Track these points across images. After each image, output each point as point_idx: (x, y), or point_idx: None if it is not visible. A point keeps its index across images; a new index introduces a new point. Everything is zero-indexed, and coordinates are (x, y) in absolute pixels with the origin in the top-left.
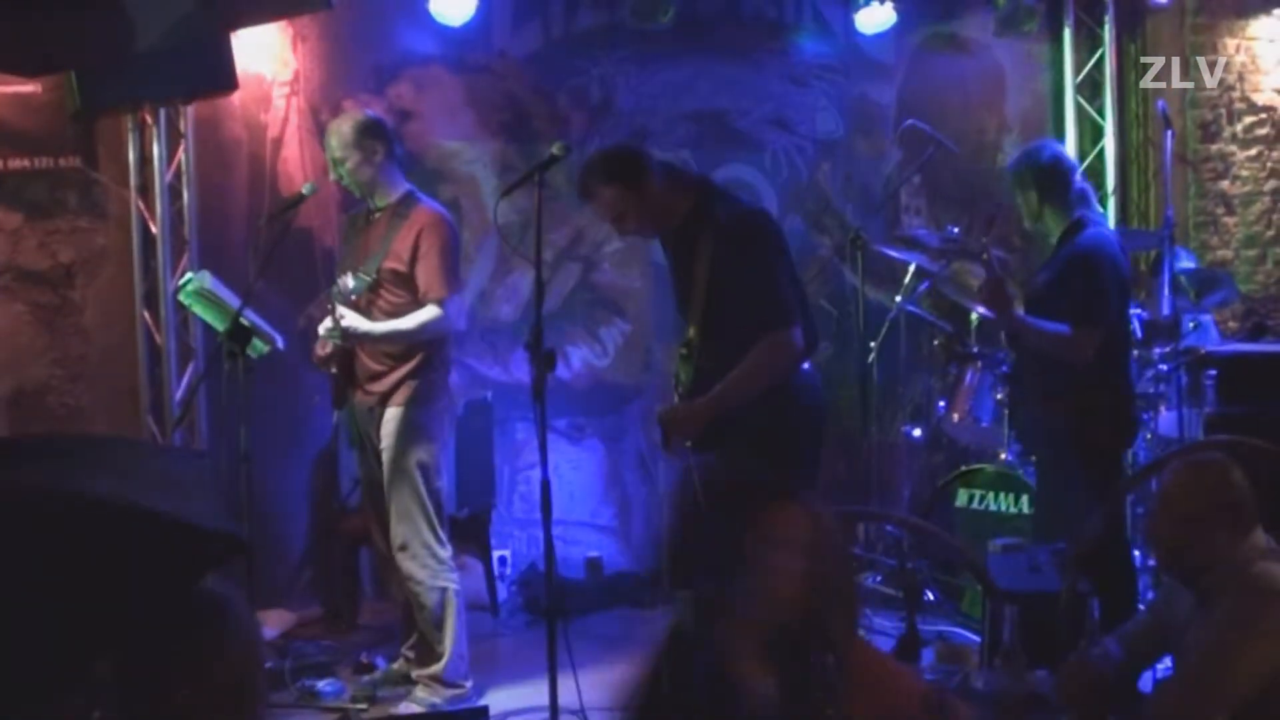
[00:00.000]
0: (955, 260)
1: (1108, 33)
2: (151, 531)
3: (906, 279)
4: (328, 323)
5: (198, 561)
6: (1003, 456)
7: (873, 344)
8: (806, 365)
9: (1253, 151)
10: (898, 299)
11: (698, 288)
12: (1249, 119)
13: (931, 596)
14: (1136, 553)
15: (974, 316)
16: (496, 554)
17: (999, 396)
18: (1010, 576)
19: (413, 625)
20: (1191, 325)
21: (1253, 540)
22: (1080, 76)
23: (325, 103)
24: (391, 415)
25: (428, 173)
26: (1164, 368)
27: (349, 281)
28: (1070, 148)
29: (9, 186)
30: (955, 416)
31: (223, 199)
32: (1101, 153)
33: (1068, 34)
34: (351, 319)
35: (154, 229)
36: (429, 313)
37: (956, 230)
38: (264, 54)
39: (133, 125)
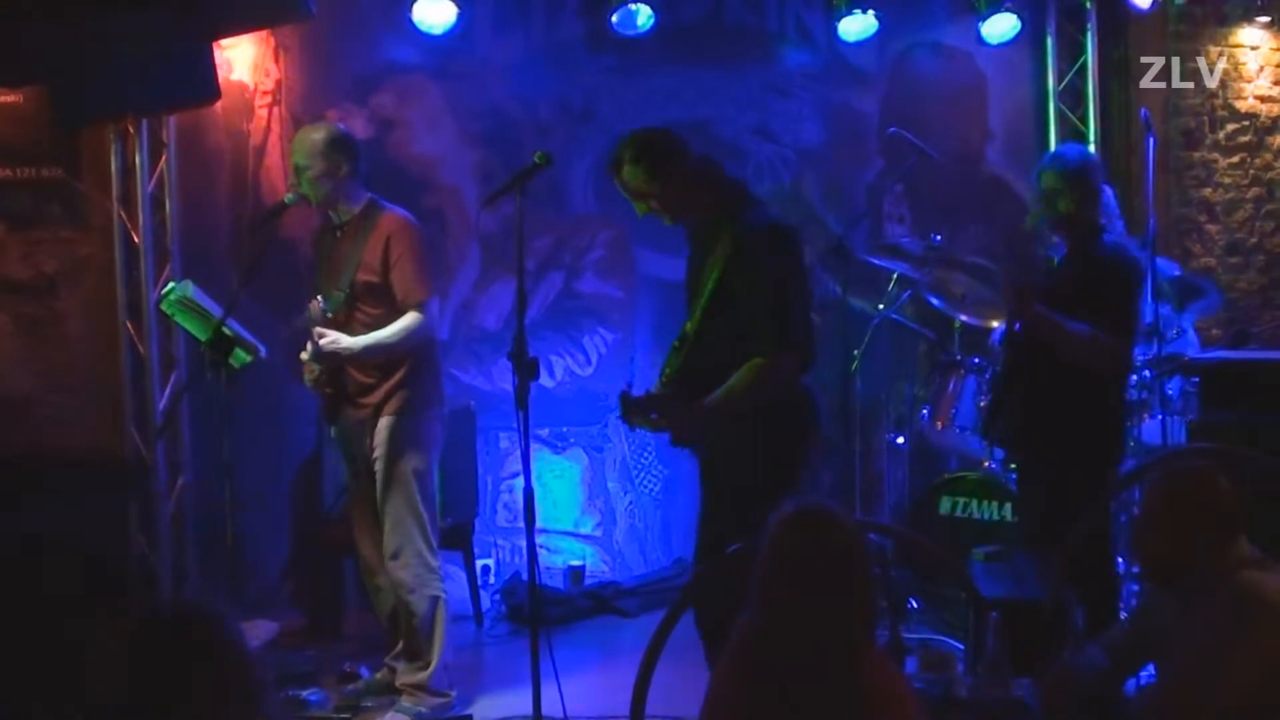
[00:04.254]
0: (940, 269)
1: (1090, 41)
2: None
3: (890, 287)
4: (310, 348)
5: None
6: (986, 464)
7: (856, 352)
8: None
9: (1235, 159)
10: (881, 307)
11: (705, 287)
12: (1231, 126)
13: (915, 604)
14: (1120, 560)
15: (957, 324)
16: (480, 563)
17: (982, 404)
18: (994, 584)
19: (397, 636)
20: (1174, 333)
21: (1237, 548)
22: (1063, 84)
23: (307, 112)
24: (384, 425)
25: (410, 182)
26: (1147, 375)
27: (321, 304)
28: None
29: None
30: (939, 424)
31: (205, 208)
32: None
33: (1050, 42)
34: (331, 338)
35: (136, 239)
36: (409, 320)
37: (939, 238)
38: (246, 63)
39: (115, 135)
